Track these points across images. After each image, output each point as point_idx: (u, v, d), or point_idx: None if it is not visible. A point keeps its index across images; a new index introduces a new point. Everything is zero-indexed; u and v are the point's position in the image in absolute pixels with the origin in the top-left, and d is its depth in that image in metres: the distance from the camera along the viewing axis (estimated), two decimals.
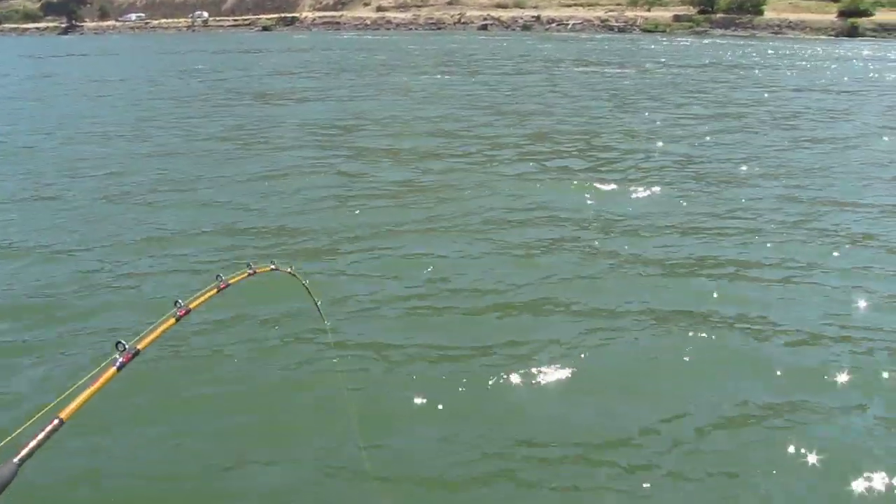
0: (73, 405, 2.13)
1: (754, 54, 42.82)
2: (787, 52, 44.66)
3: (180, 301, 2.82)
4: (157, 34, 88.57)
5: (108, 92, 26.41)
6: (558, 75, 29.74)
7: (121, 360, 2.34)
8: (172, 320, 2.74)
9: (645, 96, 22.64)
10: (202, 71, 34.25)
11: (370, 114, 19.15)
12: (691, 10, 76.71)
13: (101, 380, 2.25)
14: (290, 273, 4.67)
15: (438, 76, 29.72)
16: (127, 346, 2.40)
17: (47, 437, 2.02)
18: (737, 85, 26.17)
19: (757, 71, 31.90)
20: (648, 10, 79.41)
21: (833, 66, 34.82)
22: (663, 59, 38.22)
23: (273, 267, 4.30)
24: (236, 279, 3.47)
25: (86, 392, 2.19)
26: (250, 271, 3.77)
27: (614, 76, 29.48)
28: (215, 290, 3.19)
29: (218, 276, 3.24)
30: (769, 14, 72.77)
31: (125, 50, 57.91)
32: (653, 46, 50.44)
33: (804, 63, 36.79)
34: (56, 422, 2.06)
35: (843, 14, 69.42)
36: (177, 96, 24.26)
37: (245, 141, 15.49)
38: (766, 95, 22.97)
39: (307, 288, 4.94)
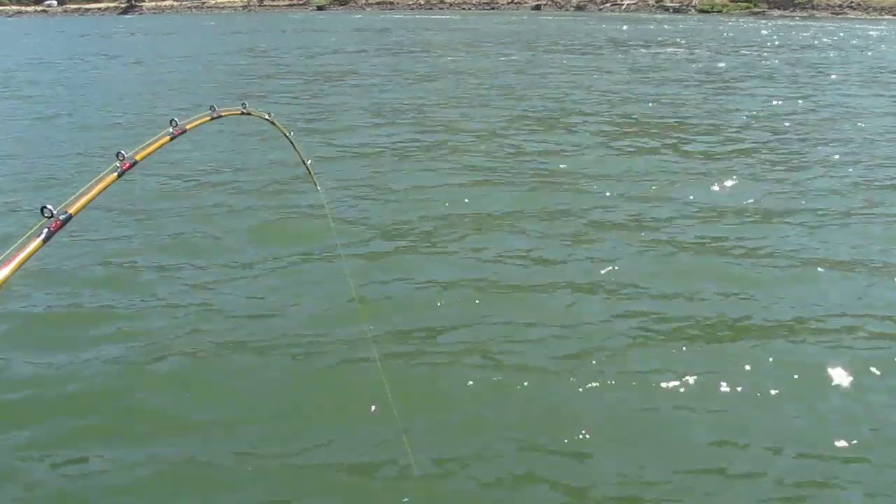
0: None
1: (827, 37, 42.12)
2: (853, 34, 43.75)
3: (124, 153, 2.44)
4: (213, 13, 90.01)
5: (173, 69, 27.53)
6: (625, 57, 29.83)
7: (47, 229, 1.99)
8: (114, 176, 2.35)
9: (718, 80, 22.76)
10: (264, 50, 35.08)
11: (438, 94, 19.70)
12: None
13: (28, 252, 1.90)
14: (267, 119, 3.98)
15: (503, 57, 30.01)
16: (55, 212, 2.04)
17: None
18: (813, 69, 25.99)
19: (830, 53, 31.53)
20: None
21: None
22: (730, 42, 37.91)
23: (243, 110, 3.58)
24: (195, 124, 3.02)
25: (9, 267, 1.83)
26: (213, 114, 3.22)
27: (682, 58, 29.46)
28: (168, 139, 2.77)
29: (172, 120, 2.84)
30: None
31: (186, 29, 59.17)
32: (714, 27, 49.86)
33: (874, 45, 36.12)
34: None
35: None
36: (242, 74, 25.23)
37: (306, 122, 15.93)
38: (839, 78, 22.89)
39: (290, 138, 4.24)
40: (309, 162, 4.58)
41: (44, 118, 16.24)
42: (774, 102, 17.86)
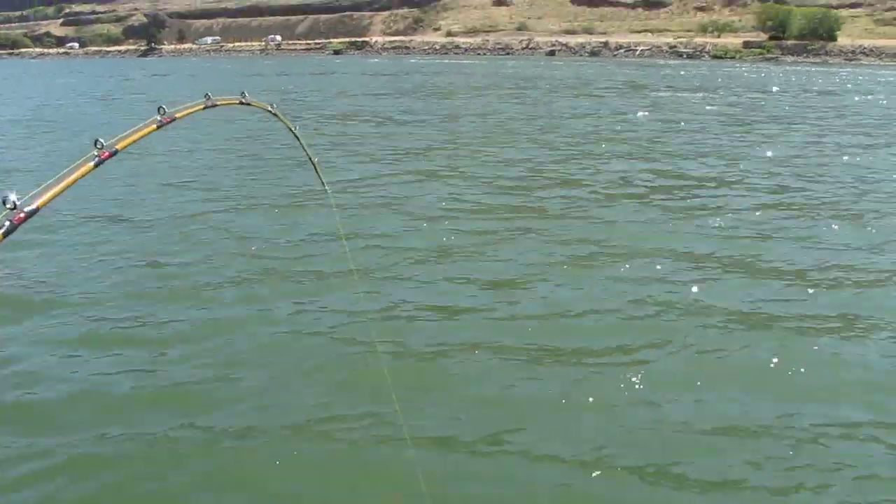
0: None
1: (848, 83, 42.19)
2: (868, 80, 43.79)
3: (102, 141, 2.23)
4: (231, 57, 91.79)
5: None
6: (639, 101, 29.88)
7: (9, 221, 1.84)
8: (90, 166, 2.14)
9: (732, 123, 22.68)
10: (283, 91, 35.56)
11: (453, 134, 19.74)
12: (762, 37, 75.97)
13: None
14: (270, 111, 3.73)
15: (518, 101, 30.17)
16: (19, 204, 1.86)
17: None
18: (830, 113, 25.89)
19: (845, 98, 31.51)
20: (718, 37, 78.88)
21: None
22: (744, 87, 38.03)
23: (242, 100, 3.37)
24: (185, 113, 2.79)
25: None
26: (207, 103, 2.97)
27: (697, 102, 29.49)
28: (154, 127, 2.53)
29: (160, 108, 2.61)
30: (843, 40, 71.47)
31: (205, 71, 60.30)
32: (729, 73, 50.16)
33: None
34: None
35: None
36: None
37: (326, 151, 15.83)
38: (854, 123, 22.70)
39: (295, 132, 4.01)
40: (316, 159, 4.34)
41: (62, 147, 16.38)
42: (789, 148, 17.59)
